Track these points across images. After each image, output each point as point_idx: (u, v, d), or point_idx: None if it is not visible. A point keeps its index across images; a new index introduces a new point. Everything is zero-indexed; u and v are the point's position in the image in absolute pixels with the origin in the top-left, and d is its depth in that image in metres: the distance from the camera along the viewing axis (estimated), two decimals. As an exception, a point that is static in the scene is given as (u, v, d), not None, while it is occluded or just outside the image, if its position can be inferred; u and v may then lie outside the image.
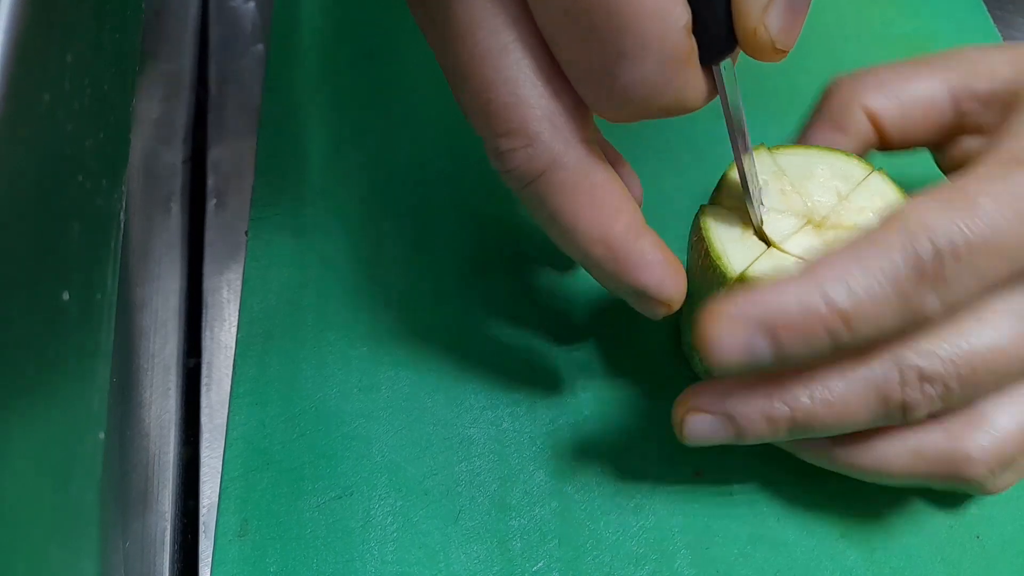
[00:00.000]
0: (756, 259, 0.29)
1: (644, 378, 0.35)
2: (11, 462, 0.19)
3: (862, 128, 0.32)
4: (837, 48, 0.45)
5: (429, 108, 0.42)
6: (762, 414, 0.27)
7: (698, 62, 0.24)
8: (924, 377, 0.26)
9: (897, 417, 0.27)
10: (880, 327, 0.25)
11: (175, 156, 0.42)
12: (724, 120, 0.27)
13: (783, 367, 0.26)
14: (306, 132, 0.41)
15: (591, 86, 0.24)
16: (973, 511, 0.32)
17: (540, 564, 0.31)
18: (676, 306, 0.28)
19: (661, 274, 0.27)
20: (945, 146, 0.32)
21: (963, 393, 0.27)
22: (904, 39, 0.46)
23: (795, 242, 0.29)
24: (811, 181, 0.30)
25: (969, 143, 0.31)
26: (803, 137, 0.34)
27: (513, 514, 0.32)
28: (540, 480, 0.33)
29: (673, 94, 0.24)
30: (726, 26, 0.24)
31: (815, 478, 0.33)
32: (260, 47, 0.46)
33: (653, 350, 0.35)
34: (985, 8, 0.47)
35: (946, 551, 0.31)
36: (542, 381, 0.35)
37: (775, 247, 0.29)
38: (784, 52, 0.24)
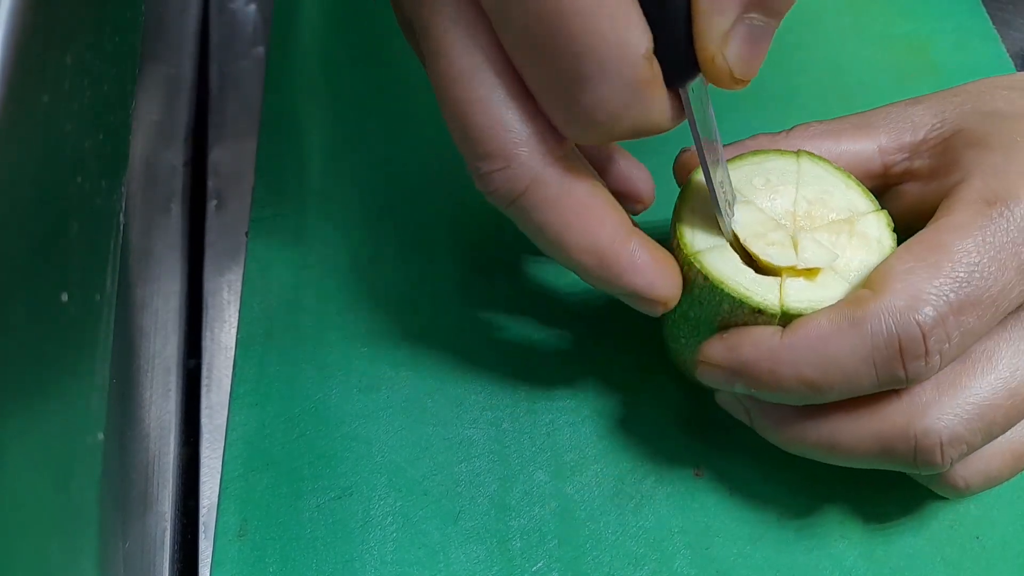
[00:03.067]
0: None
1: (644, 379, 0.35)
2: (11, 462, 0.19)
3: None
4: (837, 48, 0.45)
5: (429, 109, 0.42)
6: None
7: (662, 85, 0.24)
8: (947, 442, 0.27)
9: (912, 471, 0.28)
10: (856, 391, 0.27)
11: (175, 157, 0.42)
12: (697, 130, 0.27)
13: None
14: (306, 133, 0.41)
15: (556, 110, 0.25)
16: (973, 511, 0.32)
17: (540, 564, 0.31)
18: (672, 303, 0.28)
19: (651, 275, 0.27)
20: (880, 197, 0.32)
21: (983, 443, 0.28)
22: (904, 39, 0.46)
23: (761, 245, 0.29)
24: (816, 192, 0.30)
25: (906, 188, 0.31)
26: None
27: (513, 514, 0.32)
28: (540, 480, 0.33)
29: (635, 118, 0.24)
30: (688, 51, 0.24)
31: (815, 478, 0.33)
32: (260, 49, 0.46)
33: (653, 351, 0.35)
34: (984, 8, 0.47)
35: (946, 551, 0.31)
36: (542, 381, 0.35)
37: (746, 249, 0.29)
38: (743, 82, 0.24)
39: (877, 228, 0.30)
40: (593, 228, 0.26)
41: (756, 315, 0.28)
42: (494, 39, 0.25)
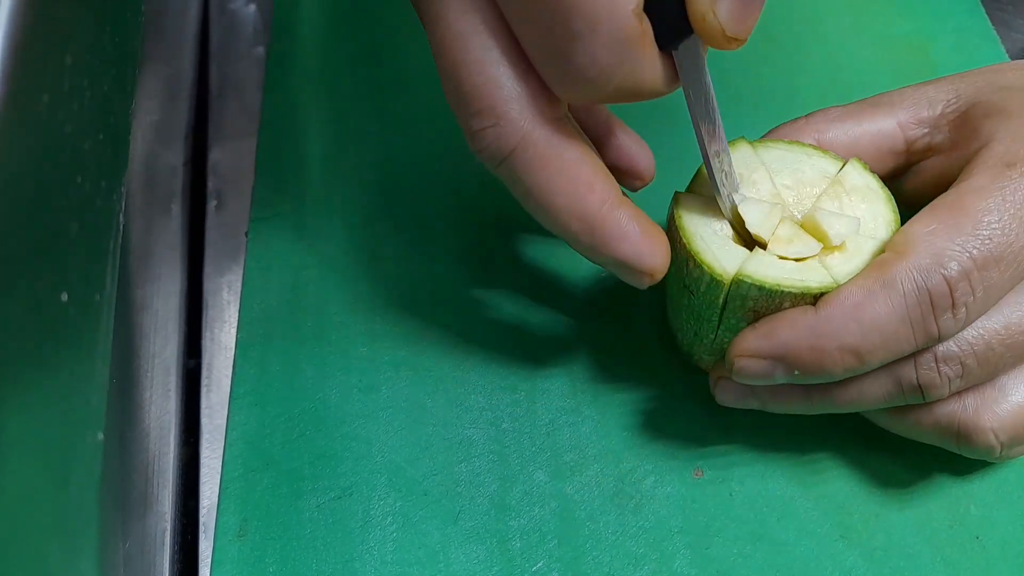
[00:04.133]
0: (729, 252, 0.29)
1: (644, 379, 0.35)
2: (11, 462, 0.19)
3: None
4: (837, 48, 0.45)
5: (429, 108, 0.42)
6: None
7: (653, 45, 0.24)
8: (940, 358, 0.28)
9: (916, 398, 0.29)
10: (896, 353, 0.27)
11: (175, 158, 0.42)
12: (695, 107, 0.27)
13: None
14: (306, 133, 0.41)
15: (548, 67, 0.25)
16: (973, 511, 0.32)
17: (540, 564, 0.31)
18: (659, 275, 0.28)
19: (639, 245, 0.27)
20: (901, 176, 0.33)
21: (982, 371, 0.28)
22: (904, 39, 0.46)
23: (774, 231, 0.29)
24: (789, 174, 0.31)
25: (928, 163, 0.32)
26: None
27: (513, 514, 0.32)
28: (540, 480, 0.33)
29: (626, 76, 0.24)
30: (680, 10, 0.24)
31: (815, 478, 0.33)
32: (260, 49, 0.46)
33: (654, 351, 0.35)
34: (984, 8, 0.47)
35: (946, 551, 0.31)
36: (542, 381, 0.35)
37: (757, 239, 0.29)
38: (737, 40, 0.24)
39: (860, 176, 0.30)
40: (582, 193, 0.27)
41: (799, 300, 0.28)
42: (491, 1, 0.25)
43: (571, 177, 0.27)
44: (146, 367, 0.36)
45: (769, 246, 0.29)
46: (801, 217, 0.30)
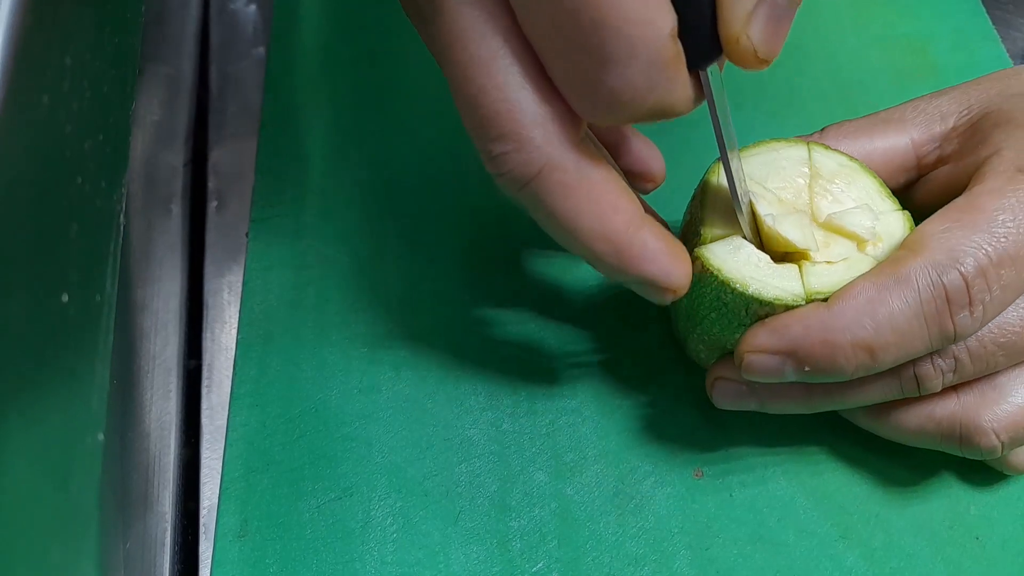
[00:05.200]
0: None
1: (644, 379, 0.35)
2: (11, 462, 0.19)
3: None
4: (837, 49, 0.45)
5: (429, 108, 0.42)
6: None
7: (684, 67, 0.24)
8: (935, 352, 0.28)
9: (912, 390, 0.29)
10: (910, 352, 0.27)
11: (176, 158, 0.42)
12: (711, 123, 0.27)
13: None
14: (306, 134, 0.41)
15: (578, 92, 0.25)
16: (973, 511, 0.32)
17: (540, 565, 0.31)
18: (683, 292, 0.28)
19: (665, 263, 0.27)
20: (913, 186, 0.34)
21: (976, 367, 0.28)
22: (904, 40, 0.46)
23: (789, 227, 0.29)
24: (774, 176, 0.31)
25: (937, 173, 0.33)
26: None
27: (513, 515, 0.32)
28: (540, 481, 0.33)
29: (658, 99, 0.24)
30: (711, 32, 0.24)
31: (815, 478, 0.33)
32: (261, 50, 0.46)
33: (653, 351, 0.35)
34: (984, 9, 0.47)
35: (946, 551, 0.31)
36: (542, 381, 0.35)
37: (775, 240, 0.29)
38: (766, 61, 0.24)
39: (828, 158, 0.31)
40: (607, 215, 0.26)
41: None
42: (510, 21, 0.24)
43: (596, 200, 0.26)
44: (146, 368, 0.36)
45: (814, 255, 0.29)
46: (816, 217, 0.30)
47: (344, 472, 0.33)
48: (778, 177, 0.31)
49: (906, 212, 0.31)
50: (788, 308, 0.28)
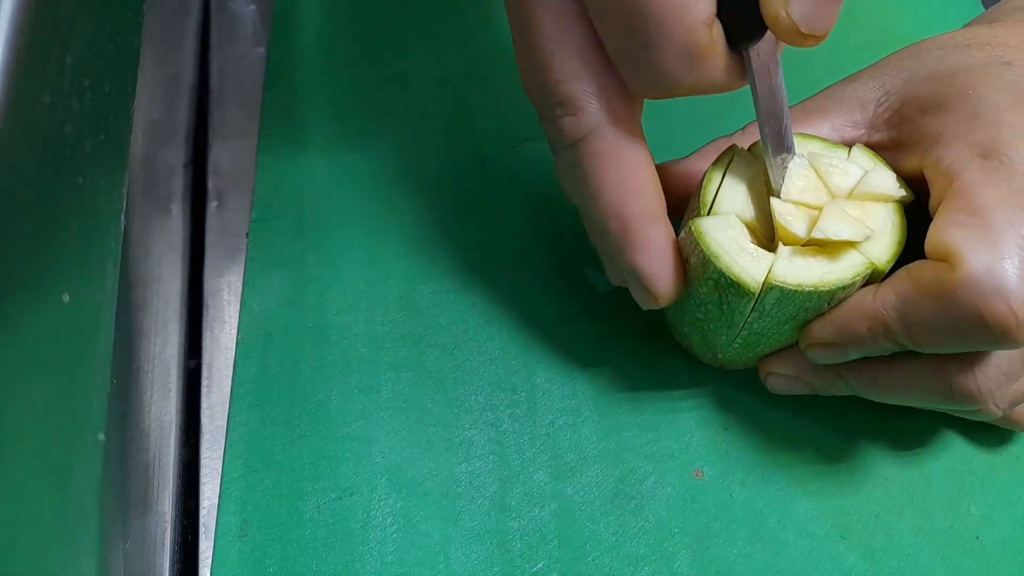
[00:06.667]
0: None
1: (644, 379, 0.35)
2: (12, 462, 0.19)
3: None
4: (837, 49, 0.45)
5: (429, 108, 0.42)
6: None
7: (722, 49, 0.26)
8: None
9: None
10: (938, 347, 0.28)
11: (176, 158, 0.42)
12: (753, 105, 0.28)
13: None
14: (306, 133, 0.41)
15: (627, 69, 0.27)
16: (973, 511, 0.32)
17: (540, 565, 0.31)
18: (664, 303, 0.30)
19: (659, 264, 0.29)
20: None
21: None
22: (904, 40, 0.45)
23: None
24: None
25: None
26: None
27: (513, 515, 0.32)
28: (540, 481, 0.33)
29: (695, 80, 0.26)
30: (754, 13, 0.25)
31: (815, 478, 0.33)
32: (261, 49, 0.46)
33: (653, 351, 0.35)
34: (983, 8, 0.47)
35: (946, 551, 0.31)
36: (542, 381, 0.35)
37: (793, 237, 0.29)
38: (814, 37, 0.25)
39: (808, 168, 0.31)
40: (628, 197, 0.28)
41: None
42: (582, 4, 0.28)
43: (624, 178, 0.28)
44: (146, 367, 0.36)
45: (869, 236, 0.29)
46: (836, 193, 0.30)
47: (344, 472, 0.33)
48: (791, 182, 0.31)
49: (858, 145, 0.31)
50: (748, 292, 0.28)
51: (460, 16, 0.45)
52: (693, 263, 0.29)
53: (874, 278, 0.29)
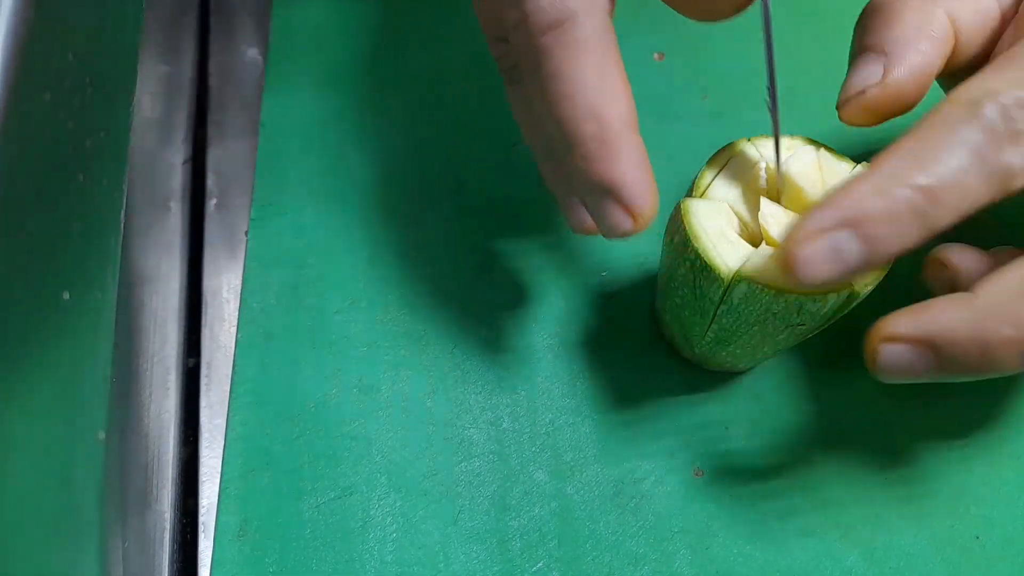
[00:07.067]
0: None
1: (644, 379, 0.35)
2: (12, 462, 0.19)
3: (947, 33, 0.31)
4: (837, 49, 0.45)
5: (429, 107, 0.42)
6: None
7: None
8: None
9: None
10: (968, 196, 0.25)
11: (175, 156, 0.42)
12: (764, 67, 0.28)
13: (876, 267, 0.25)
14: (306, 132, 0.41)
15: None
16: (973, 511, 0.32)
17: (540, 564, 0.31)
18: (643, 225, 0.27)
19: (638, 176, 0.26)
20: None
21: None
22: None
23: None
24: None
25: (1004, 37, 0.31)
26: (863, 57, 0.33)
27: (513, 514, 0.32)
28: (540, 480, 0.33)
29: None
30: None
31: (815, 478, 0.33)
32: (260, 48, 0.46)
33: (653, 351, 0.35)
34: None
35: (946, 551, 0.31)
36: (542, 381, 0.35)
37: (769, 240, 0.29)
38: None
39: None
40: (607, 99, 0.26)
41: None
42: None
43: (603, 75, 0.26)
44: (146, 366, 0.36)
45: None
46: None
47: (344, 472, 0.33)
48: (797, 157, 0.31)
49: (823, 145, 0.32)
50: (718, 278, 0.28)
51: (460, 16, 0.45)
52: (676, 242, 0.29)
53: (851, 301, 0.29)
